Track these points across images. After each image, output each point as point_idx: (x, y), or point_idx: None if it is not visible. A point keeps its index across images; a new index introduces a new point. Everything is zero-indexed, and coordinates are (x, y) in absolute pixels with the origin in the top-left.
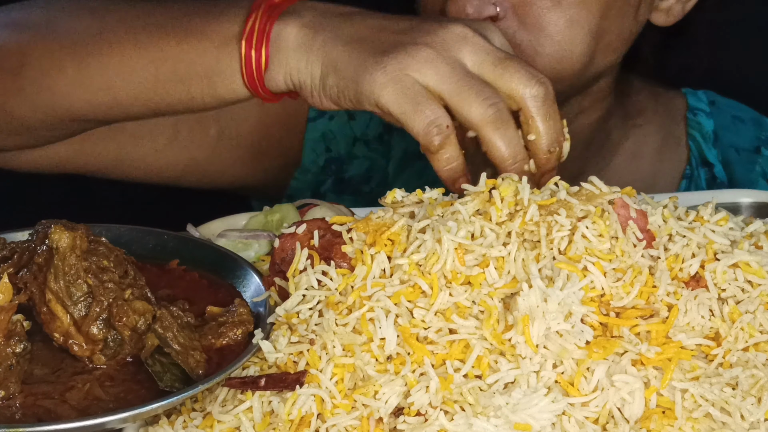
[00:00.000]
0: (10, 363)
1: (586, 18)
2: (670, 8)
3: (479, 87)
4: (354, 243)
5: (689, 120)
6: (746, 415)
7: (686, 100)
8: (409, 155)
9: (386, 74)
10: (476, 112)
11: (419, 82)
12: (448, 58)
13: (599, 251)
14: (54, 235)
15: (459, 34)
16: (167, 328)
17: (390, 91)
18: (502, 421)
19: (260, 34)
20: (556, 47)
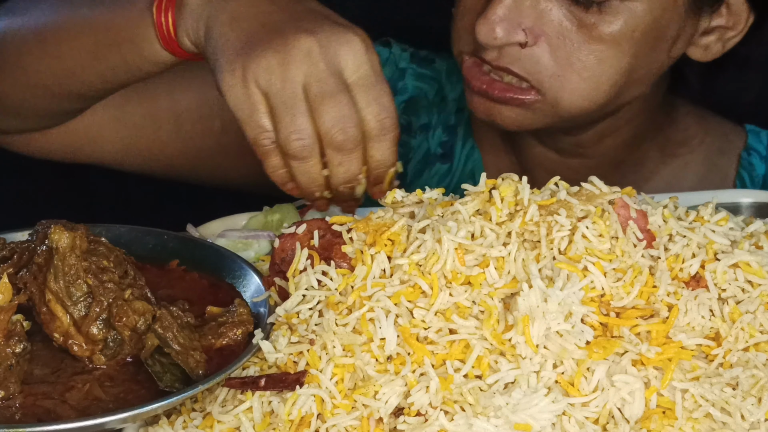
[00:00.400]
0: (9, 363)
1: (617, 57)
2: (709, 46)
3: (294, 116)
4: (354, 243)
5: (742, 159)
6: (746, 416)
7: (746, 138)
8: (430, 156)
9: (233, 77)
10: (283, 140)
11: (258, 86)
12: (286, 73)
13: (599, 251)
14: (54, 235)
15: (305, 50)
16: (167, 328)
17: (233, 94)
18: (502, 421)
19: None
20: (583, 84)
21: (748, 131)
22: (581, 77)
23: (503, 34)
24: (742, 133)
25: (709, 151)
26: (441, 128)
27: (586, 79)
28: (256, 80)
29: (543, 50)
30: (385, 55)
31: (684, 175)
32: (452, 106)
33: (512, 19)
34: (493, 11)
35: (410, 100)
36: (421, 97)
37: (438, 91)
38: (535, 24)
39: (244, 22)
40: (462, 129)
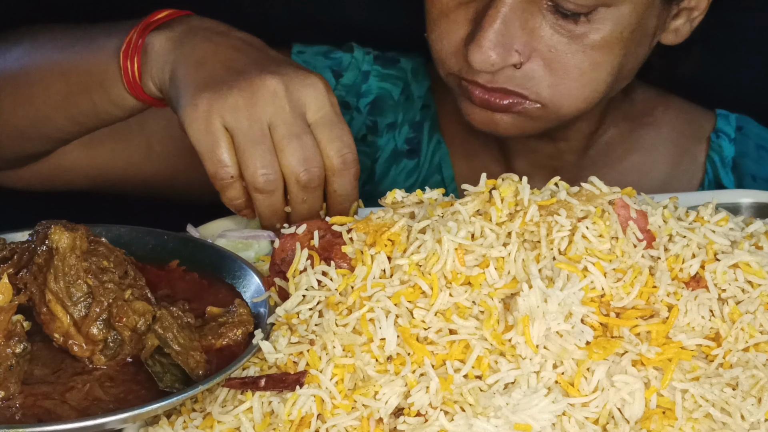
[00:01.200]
0: (10, 363)
1: (609, 59)
2: (678, 29)
3: (262, 153)
4: (354, 243)
5: (712, 141)
6: (746, 416)
7: (715, 121)
8: (398, 153)
9: (196, 111)
10: (250, 174)
11: (222, 124)
12: (252, 113)
13: (599, 251)
14: (54, 236)
15: (271, 91)
16: (167, 328)
17: (195, 128)
18: (503, 421)
19: (135, 46)
20: (581, 90)
21: (718, 115)
22: (579, 83)
23: (498, 59)
24: (712, 116)
25: (678, 135)
26: (407, 125)
27: (584, 84)
28: (222, 117)
29: (537, 65)
30: (347, 60)
31: (654, 158)
32: (418, 103)
33: (505, 43)
34: (486, 37)
35: (375, 100)
36: (386, 97)
37: (403, 90)
38: (526, 43)
39: (208, 65)
40: (428, 124)
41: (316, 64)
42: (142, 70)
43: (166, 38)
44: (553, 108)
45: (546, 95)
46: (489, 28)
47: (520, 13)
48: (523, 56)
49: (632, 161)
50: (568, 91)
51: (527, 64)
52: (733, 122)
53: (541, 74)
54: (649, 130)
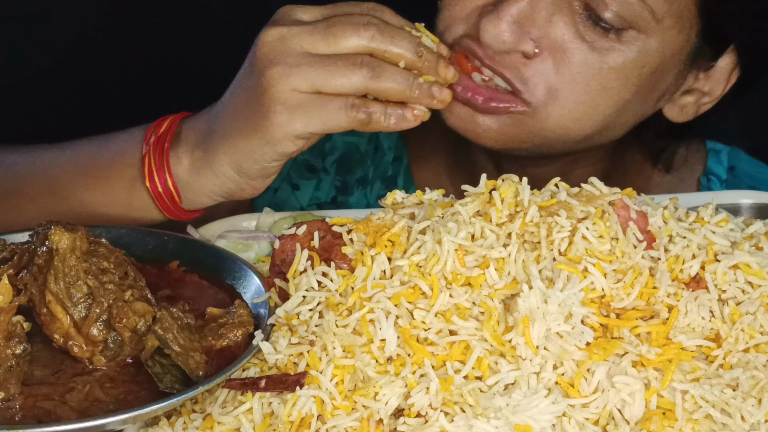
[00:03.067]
0: (10, 364)
1: (619, 90)
2: (685, 107)
3: (336, 60)
4: (354, 244)
5: (701, 185)
6: (746, 417)
7: (705, 161)
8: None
9: (278, 113)
10: (355, 79)
11: (298, 90)
12: (293, 59)
13: (599, 252)
14: (54, 237)
15: (278, 37)
16: (167, 329)
17: (297, 119)
18: (503, 422)
19: (160, 173)
20: (579, 107)
21: (708, 151)
22: (578, 100)
23: (512, 38)
24: (702, 155)
25: (669, 183)
26: (379, 181)
27: (583, 103)
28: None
29: (546, 64)
30: None
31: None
32: (389, 155)
33: (524, 24)
34: (506, 11)
35: (342, 157)
36: (353, 151)
37: (370, 140)
38: (544, 36)
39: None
40: (401, 179)
41: None
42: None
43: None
44: (540, 115)
45: (540, 98)
46: (514, 3)
47: (550, 3)
48: (536, 48)
49: None
50: (564, 101)
51: (536, 60)
52: (725, 161)
53: (546, 75)
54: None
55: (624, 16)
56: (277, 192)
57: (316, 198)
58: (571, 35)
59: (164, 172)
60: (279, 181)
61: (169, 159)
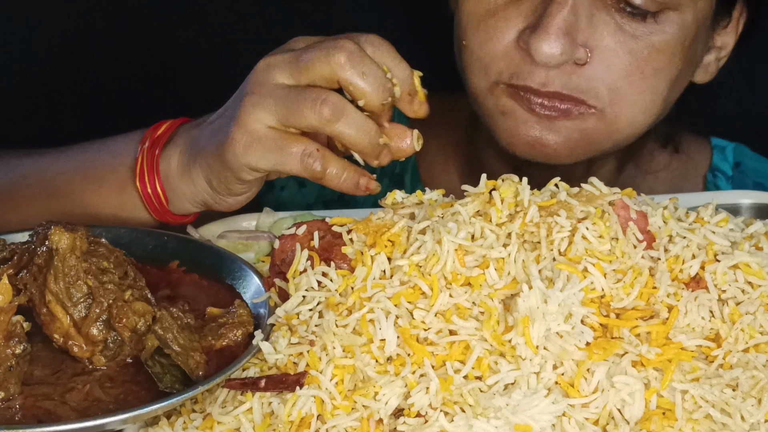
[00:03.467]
0: (10, 364)
1: (669, 68)
2: (709, 64)
3: (301, 95)
4: (354, 244)
5: (707, 181)
6: (746, 416)
7: (711, 157)
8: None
9: (236, 141)
10: (312, 119)
11: (263, 122)
12: (266, 90)
13: (599, 252)
14: (54, 237)
15: (264, 67)
16: (167, 329)
17: (252, 151)
18: (502, 422)
19: (150, 174)
20: (641, 96)
21: (714, 147)
22: (639, 88)
23: (567, 49)
24: (707, 151)
25: (674, 176)
26: (387, 179)
27: (644, 91)
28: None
29: (599, 66)
30: None
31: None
32: None
33: (572, 33)
34: (553, 24)
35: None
36: None
37: None
38: (590, 37)
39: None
40: (409, 176)
41: None
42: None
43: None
44: (611, 116)
45: (605, 99)
46: (558, 14)
47: (587, 5)
48: (588, 52)
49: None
50: (627, 96)
51: (588, 65)
52: (730, 157)
53: (603, 77)
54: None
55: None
56: (283, 190)
57: (323, 195)
58: (612, 30)
59: (154, 174)
60: (285, 179)
61: (159, 162)
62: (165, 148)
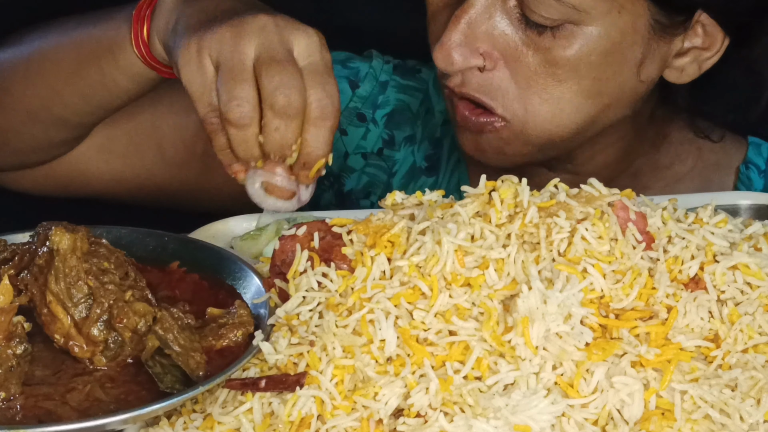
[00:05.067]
0: (10, 364)
1: (575, 80)
2: (684, 68)
3: (237, 83)
4: (354, 245)
5: (741, 173)
6: (745, 417)
7: (746, 151)
8: (416, 169)
9: (188, 52)
10: (223, 105)
11: (211, 58)
12: (237, 43)
13: (599, 253)
14: (55, 237)
15: (260, 25)
16: (168, 329)
17: (186, 69)
18: (502, 422)
19: (146, 8)
20: (545, 106)
21: (750, 143)
22: (541, 99)
23: (460, 59)
24: (743, 145)
25: (705, 166)
26: (427, 141)
27: (547, 101)
28: (209, 52)
29: (503, 74)
30: (365, 69)
31: (676, 191)
32: (438, 118)
33: (469, 44)
34: (448, 37)
35: (393, 112)
36: (404, 109)
37: (423, 102)
38: (491, 48)
39: (208, 12)
40: (447, 141)
41: None
42: (151, 29)
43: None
44: (518, 124)
45: (510, 109)
46: (453, 28)
47: (487, 16)
48: (488, 61)
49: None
50: (531, 107)
51: (493, 72)
52: (765, 152)
53: (506, 85)
54: (674, 161)
55: (550, 17)
56: None
57: (362, 147)
58: (514, 42)
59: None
60: None
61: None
62: None
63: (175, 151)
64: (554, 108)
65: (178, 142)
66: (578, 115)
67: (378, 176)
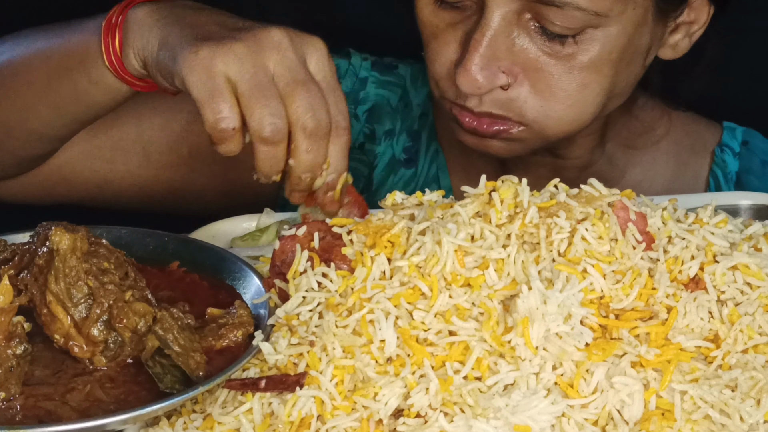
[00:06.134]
0: (10, 365)
1: (598, 81)
2: (677, 44)
3: (268, 100)
4: (354, 245)
5: (715, 156)
6: (745, 417)
7: (721, 134)
8: (395, 162)
9: (197, 58)
10: (257, 123)
11: (224, 74)
12: (256, 60)
13: (599, 253)
14: (54, 237)
15: (275, 40)
16: (168, 329)
17: (195, 75)
18: (502, 422)
19: (116, 22)
20: (567, 111)
21: (724, 128)
22: (565, 105)
23: (485, 82)
24: (717, 129)
25: (679, 149)
26: (405, 134)
27: (571, 106)
28: (225, 65)
29: (524, 87)
30: (344, 67)
31: (653, 175)
32: (416, 111)
33: (491, 66)
34: (472, 61)
35: (373, 108)
36: (383, 104)
37: (401, 97)
38: (513, 64)
39: (203, 26)
40: (426, 133)
41: None
42: (124, 45)
43: (150, 10)
44: (537, 129)
45: (531, 117)
46: (474, 52)
47: (506, 35)
48: (510, 78)
49: (632, 177)
50: (554, 113)
51: (514, 87)
52: (740, 136)
53: (528, 97)
54: (649, 144)
55: (571, 26)
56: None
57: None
58: (534, 55)
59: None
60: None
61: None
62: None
63: (160, 156)
64: (577, 111)
65: (164, 147)
66: (594, 110)
67: (360, 170)
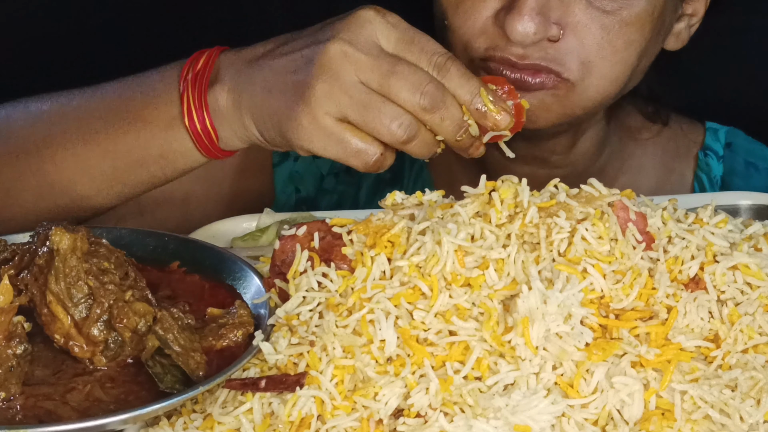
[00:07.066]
0: (10, 364)
1: (640, 39)
2: (680, 32)
3: (378, 110)
4: (354, 245)
5: (699, 160)
6: (745, 417)
7: (703, 137)
8: (381, 181)
9: (302, 127)
10: (388, 135)
11: (333, 120)
12: (341, 87)
13: (599, 253)
14: (55, 237)
15: (340, 56)
16: (168, 329)
17: (316, 141)
18: (502, 422)
19: (199, 111)
20: (612, 69)
21: (707, 129)
22: (611, 62)
23: (540, 28)
24: (700, 131)
25: (665, 154)
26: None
27: (616, 63)
28: (328, 116)
29: (572, 41)
30: None
31: (640, 179)
32: None
33: (544, 13)
34: (527, 5)
35: None
36: None
37: None
38: (563, 15)
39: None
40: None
41: None
42: (219, 132)
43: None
44: (581, 88)
45: (578, 73)
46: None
47: None
48: (560, 29)
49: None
50: (598, 70)
51: (562, 40)
52: (722, 138)
53: (576, 51)
54: (636, 150)
55: None
56: (297, 160)
57: (335, 167)
58: (584, 7)
59: (203, 111)
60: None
61: (207, 96)
62: (210, 86)
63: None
64: (619, 70)
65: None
66: (630, 73)
67: (347, 192)
